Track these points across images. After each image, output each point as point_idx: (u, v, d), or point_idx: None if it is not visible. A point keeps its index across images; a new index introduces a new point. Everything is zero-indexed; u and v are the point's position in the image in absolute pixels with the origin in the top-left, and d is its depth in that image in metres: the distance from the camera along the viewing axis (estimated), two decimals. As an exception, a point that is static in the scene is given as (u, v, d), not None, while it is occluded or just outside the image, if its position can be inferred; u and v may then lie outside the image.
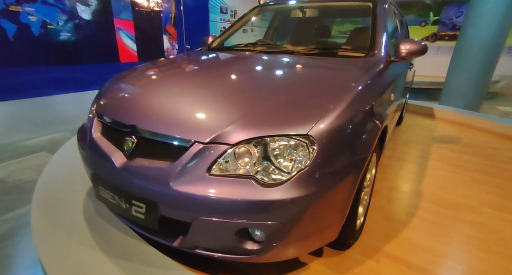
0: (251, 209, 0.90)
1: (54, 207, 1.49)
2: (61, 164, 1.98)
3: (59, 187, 1.69)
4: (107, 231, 1.30)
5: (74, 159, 2.03)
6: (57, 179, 1.78)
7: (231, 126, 0.96)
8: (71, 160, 2.04)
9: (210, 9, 5.85)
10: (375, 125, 1.18)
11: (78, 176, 1.81)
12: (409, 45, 1.58)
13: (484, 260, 1.32)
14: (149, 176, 1.00)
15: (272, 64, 1.62)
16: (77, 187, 1.68)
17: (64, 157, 2.10)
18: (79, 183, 1.74)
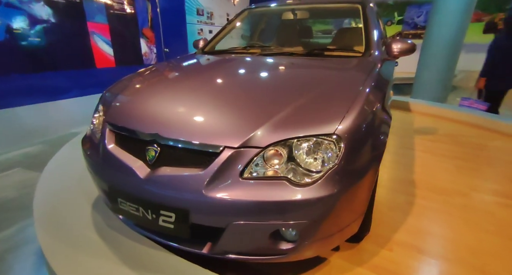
0: (287, 209, 0.92)
1: (61, 223, 1.39)
2: (55, 178, 1.85)
3: (60, 202, 1.58)
4: (124, 244, 1.25)
5: (67, 172, 1.92)
6: (55, 194, 1.66)
7: (259, 129, 0.97)
8: (64, 173, 1.92)
9: (187, 11, 5.75)
10: (387, 120, 1.25)
11: (77, 188, 1.72)
12: (400, 44, 1.68)
13: (483, 239, 1.45)
14: (179, 185, 0.98)
15: (280, 66, 1.64)
16: (80, 200, 1.59)
17: (56, 170, 1.96)
18: (80, 195, 1.64)
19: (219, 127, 1.02)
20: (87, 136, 1.40)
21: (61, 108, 4.06)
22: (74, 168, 1.98)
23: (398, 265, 1.28)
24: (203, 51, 2.18)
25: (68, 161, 2.11)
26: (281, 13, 2.32)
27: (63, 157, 2.21)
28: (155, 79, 1.57)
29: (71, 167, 2.00)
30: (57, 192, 1.68)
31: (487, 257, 1.33)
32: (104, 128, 1.22)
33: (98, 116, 1.38)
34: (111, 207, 1.19)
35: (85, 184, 1.78)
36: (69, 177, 1.86)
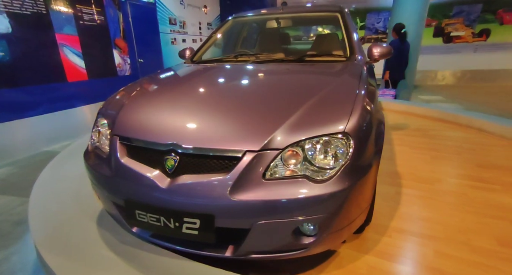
0: (309, 205, 1.00)
1: (68, 245, 1.34)
2: (47, 199, 1.75)
3: (61, 223, 1.51)
4: (141, 256, 1.24)
5: (59, 192, 1.83)
6: (52, 215, 1.58)
7: (276, 132, 1.04)
8: (56, 193, 1.82)
9: (159, 20, 5.70)
10: (382, 118, 1.39)
11: (75, 207, 1.65)
12: (379, 48, 1.85)
13: (464, 218, 1.64)
14: (203, 191, 1.01)
15: (279, 72, 1.71)
16: (82, 219, 1.53)
17: (46, 191, 1.86)
18: (80, 214, 1.58)
19: (238, 133, 1.07)
20: (90, 151, 1.38)
21: (30, 126, 3.81)
22: (65, 187, 1.89)
23: (399, 249, 1.41)
24: (192, 60, 2.21)
25: (57, 181, 2.01)
26: (265, 22, 2.43)
27: (49, 177, 2.09)
28: (160, 89, 1.58)
29: (61, 186, 1.92)
30: (54, 213, 1.60)
31: (470, 233, 1.51)
32: (113, 142, 1.22)
33: (101, 130, 1.37)
34: (127, 221, 1.18)
35: (83, 201, 1.72)
36: (62, 196, 1.78)
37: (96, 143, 1.36)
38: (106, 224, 1.48)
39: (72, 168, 2.21)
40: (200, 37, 7.37)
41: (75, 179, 2.00)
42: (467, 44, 8.87)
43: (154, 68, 5.86)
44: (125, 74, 5.01)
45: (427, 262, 1.32)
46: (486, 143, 2.89)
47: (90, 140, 1.42)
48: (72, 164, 2.29)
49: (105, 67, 4.70)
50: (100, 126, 1.38)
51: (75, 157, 2.43)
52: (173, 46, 6.33)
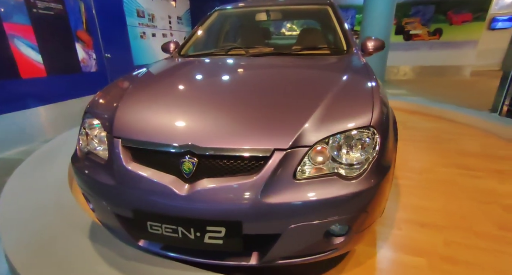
0: (343, 204, 0.93)
1: (63, 266, 1.13)
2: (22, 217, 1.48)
3: (47, 242, 1.27)
4: (150, 271, 1.09)
5: (35, 206, 1.56)
6: (33, 234, 1.33)
7: (303, 129, 0.96)
8: (31, 208, 1.55)
9: (126, 12, 5.27)
10: (392, 111, 1.37)
11: (59, 222, 1.42)
12: (373, 42, 1.84)
13: (460, 205, 1.72)
14: (229, 196, 0.90)
15: (286, 66, 1.61)
16: (71, 235, 1.32)
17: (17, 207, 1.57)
18: (67, 229, 1.36)
19: (263, 130, 0.97)
20: (80, 156, 1.18)
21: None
22: (40, 198, 1.63)
23: (410, 241, 1.42)
24: (180, 54, 2.03)
25: (29, 191, 1.73)
26: (254, 14, 2.31)
27: (19, 187, 1.79)
28: (161, 84, 1.40)
29: (35, 197, 1.65)
30: (35, 232, 1.35)
31: (470, 219, 1.57)
32: (114, 145, 1.04)
33: (90, 132, 1.18)
34: (138, 234, 1.03)
35: (66, 214, 1.49)
36: (40, 211, 1.52)
37: (86, 147, 1.17)
38: (100, 238, 1.28)
39: (44, 175, 1.92)
40: (171, 32, 6.99)
41: (51, 188, 1.74)
42: (424, 42, 9.55)
43: (124, 64, 5.42)
44: (90, 70, 4.55)
45: (440, 251, 1.34)
46: (459, 133, 3.10)
47: (78, 143, 1.22)
48: (43, 171, 2.00)
49: (67, 62, 4.22)
50: (90, 127, 1.19)
51: (45, 163, 2.13)
52: (143, 41, 5.91)
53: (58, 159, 2.17)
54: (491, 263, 1.27)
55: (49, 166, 2.05)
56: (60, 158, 2.17)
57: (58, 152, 2.31)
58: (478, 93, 6.83)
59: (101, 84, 4.87)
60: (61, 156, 2.20)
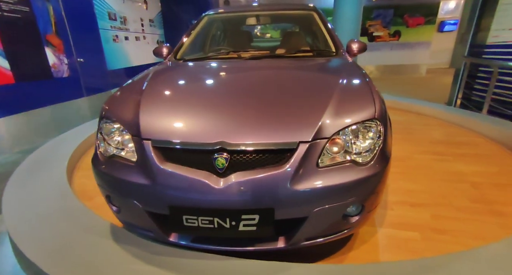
0: (360, 187, 1.08)
1: (98, 270, 1.14)
2: (29, 219, 1.44)
3: (72, 248, 1.26)
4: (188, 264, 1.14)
5: (45, 214, 1.52)
6: (46, 237, 1.31)
7: (320, 122, 1.09)
8: (41, 217, 1.50)
9: (97, 15, 5.06)
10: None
11: (75, 227, 1.40)
12: (357, 44, 2.05)
13: (439, 185, 1.98)
14: (262, 185, 1.00)
15: (288, 66, 1.73)
16: (94, 239, 1.31)
17: (21, 209, 1.51)
18: (88, 234, 1.35)
19: (287, 125, 1.08)
20: (103, 160, 1.20)
21: None
22: (46, 205, 1.59)
23: (403, 218, 1.62)
24: (176, 58, 2.06)
25: (31, 200, 1.66)
26: (244, 19, 2.42)
27: (22, 195, 1.71)
28: (178, 86, 1.47)
29: (41, 205, 1.60)
30: (52, 237, 1.33)
31: (449, 197, 1.83)
32: (145, 147, 1.09)
33: (113, 136, 1.21)
34: (173, 228, 1.10)
35: (81, 220, 1.47)
36: (49, 216, 1.49)
37: (109, 151, 1.19)
38: (125, 239, 1.31)
39: (42, 183, 1.86)
40: (143, 35, 6.82)
41: (54, 195, 1.69)
42: (386, 43, 10.34)
43: (97, 68, 5.20)
44: (62, 76, 4.31)
45: (429, 225, 1.55)
46: (427, 124, 3.47)
47: (99, 147, 1.24)
48: (39, 178, 1.92)
49: (37, 68, 3.96)
50: (109, 131, 1.21)
51: (38, 171, 2.04)
52: (116, 45, 5.70)
53: (53, 164, 2.09)
54: (470, 230, 1.50)
55: (44, 173, 1.98)
56: (53, 165, 2.10)
57: (50, 159, 2.22)
58: (434, 89, 7.58)
59: (74, 90, 4.64)
60: (55, 163, 2.12)
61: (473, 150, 2.60)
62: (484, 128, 2.94)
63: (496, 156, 2.44)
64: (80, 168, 2.34)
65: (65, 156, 2.26)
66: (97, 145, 1.26)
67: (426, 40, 10.08)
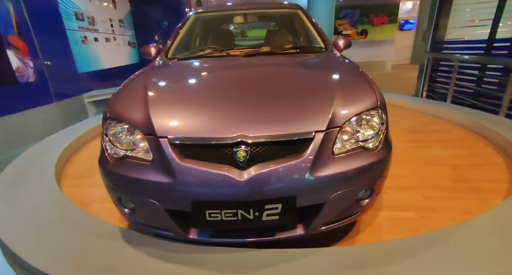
0: (371, 171, 1.16)
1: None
2: (24, 231, 1.34)
3: (89, 256, 1.20)
4: (210, 258, 1.15)
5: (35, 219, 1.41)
6: (49, 246, 1.23)
7: (331, 112, 1.16)
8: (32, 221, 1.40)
9: (63, 15, 4.74)
10: None
11: (71, 231, 1.32)
12: (343, 40, 2.16)
13: (423, 170, 2.15)
14: (284, 175, 1.04)
15: (287, 62, 1.79)
16: (108, 244, 1.26)
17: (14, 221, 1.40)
18: (101, 239, 1.29)
19: (301, 116, 1.13)
20: (114, 162, 1.16)
21: None
22: (47, 219, 1.49)
23: (398, 201, 1.75)
24: (167, 57, 2.02)
25: (30, 214, 1.54)
26: (231, 17, 2.43)
27: (16, 212, 1.57)
28: (183, 84, 1.47)
29: (41, 219, 1.49)
30: (65, 248, 1.25)
31: (433, 179, 2.00)
32: (160, 146, 1.08)
33: (121, 138, 1.18)
34: (196, 224, 1.11)
35: (87, 227, 1.41)
36: (55, 229, 1.40)
37: (121, 152, 1.16)
38: (141, 240, 1.28)
39: (33, 194, 1.73)
40: (114, 36, 6.50)
41: (50, 205, 1.59)
42: (354, 41, 10.84)
43: (66, 72, 4.88)
44: (28, 81, 3.98)
45: (422, 205, 1.69)
46: (403, 115, 3.73)
47: (106, 150, 1.20)
48: (28, 190, 1.78)
49: (-1, 72, 3.63)
50: (116, 132, 1.18)
51: (24, 183, 1.89)
52: (85, 46, 5.38)
53: (38, 175, 1.96)
54: (456, 206, 1.67)
55: (33, 183, 1.84)
56: (39, 175, 1.96)
57: (33, 170, 2.07)
58: (401, 83, 8.12)
59: (43, 95, 4.31)
60: (40, 173, 1.98)
61: (445, 136, 2.85)
62: (452, 116, 3.23)
63: (466, 140, 2.70)
64: (67, 177, 2.21)
65: (50, 164, 2.12)
66: (104, 147, 1.22)
67: (390, 38, 10.76)
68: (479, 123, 2.78)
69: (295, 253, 1.20)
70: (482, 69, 4.54)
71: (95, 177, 2.17)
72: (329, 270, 1.11)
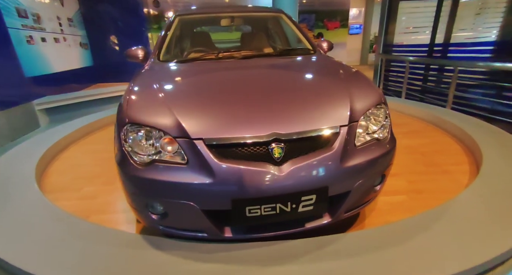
0: (384, 159, 1.31)
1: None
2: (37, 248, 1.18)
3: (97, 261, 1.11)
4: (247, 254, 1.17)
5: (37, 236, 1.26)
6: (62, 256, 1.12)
7: (349, 108, 1.27)
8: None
9: (3, 11, 4.16)
10: None
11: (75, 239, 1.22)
12: (326, 43, 2.34)
13: (402, 158, 2.42)
14: (317, 168, 1.12)
15: (285, 64, 1.87)
16: (134, 253, 1.17)
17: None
18: (124, 248, 1.20)
19: (326, 112, 1.23)
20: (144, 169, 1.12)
21: None
22: (49, 235, 1.33)
23: (390, 187, 1.94)
24: (160, 60, 1.96)
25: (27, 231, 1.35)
26: (217, 20, 2.42)
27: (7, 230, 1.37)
28: (199, 85, 1.48)
29: (43, 235, 1.32)
30: (84, 263, 1.14)
31: (410, 166, 2.27)
32: (196, 147, 1.08)
33: (148, 142, 1.14)
34: (236, 221, 1.13)
35: (103, 238, 1.30)
36: (65, 244, 1.25)
37: (146, 157, 1.12)
38: (164, 246, 1.24)
39: (22, 210, 1.53)
40: (63, 36, 5.90)
41: (48, 220, 1.43)
42: (310, 44, 11.57)
43: (10, 75, 4.28)
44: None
45: (409, 188, 1.93)
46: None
47: (132, 156, 1.14)
48: (14, 206, 1.57)
49: None
50: (139, 137, 1.15)
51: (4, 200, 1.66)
52: (31, 47, 4.78)
53: (20, 189, 1.74)
54: (436, 187, 1.93)
55: (17, 199, 1.62)
56: (21, 190, 1.73)
57: (9, 184, 1.83)
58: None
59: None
60: (21, 187, 1.76)
61: (409, 128, 3.23)
62: (411, 111, 3.66)
63: (426, 131, 3.11)
64: (49, 191, 1.96)
65: (28, 178, 1.89)
66: (127, 153, 1.16)
67: (343, 41, 11.65)
68: (435, 115, 3.22)
69: (324, 240, 1.29)
70: (426, 69, 5.22)
71: (83, 189, 1.99)
72: (361, 251, 1.22)
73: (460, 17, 5.59)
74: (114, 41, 7.50)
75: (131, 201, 1.20)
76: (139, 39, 7.71)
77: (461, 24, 5.71)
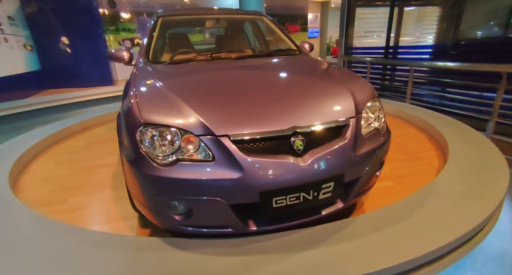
0: (384, 147, 1.44)
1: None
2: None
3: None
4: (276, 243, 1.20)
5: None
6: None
7: (353, 101, 1.38)
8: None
9: None
10: None
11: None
12: (307, 44, 2.47)
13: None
14: (335, 156, 1.20)
15: (284, 63, 1.94)
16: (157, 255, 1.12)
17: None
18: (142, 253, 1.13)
19: (335, 106, 1.32)
20: (167, 169, 1.09)
21: None
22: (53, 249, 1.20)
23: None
24: (150, 61, 1.88)
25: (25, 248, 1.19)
26: (201, 22, 2.40)
27: None
28: (208, 83, 1.50)
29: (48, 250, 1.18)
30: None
31: (391, 154, 2.41)
32: (222, 144, 1.10)
33: (161, 142, 1.13)
34: (264, 213, 1.16)
35: (120, 246, 1.22)
36: (74, 258, 1.14)
37: (169, 156, 1.10)
38: (187, 246, 1.21)
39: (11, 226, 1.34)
40: (4, 36, 5.23)
41: (47, 235, 1.28)
42: (273, 47, 11.92)
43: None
44: None
45: (392, 175, 2.13)
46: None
47: (154, 157, 1.10)
48: None
49: None
50: (156, 138, 1.12)
51: None
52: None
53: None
54: (416, 172, 2.17)
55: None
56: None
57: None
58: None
59: None
60: None
61: (379, 122, 3.54)
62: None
63: (395, 124, 3.43)
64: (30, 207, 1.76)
65: (5, 193, 1.67)
66: (145, 154, 1.11)
67: (303, 44, 12.19)
68: (400, 110, 3.57)
69: (338, 224, 1.38)
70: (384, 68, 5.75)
71: (68, 201, 1.82)
72: (371, 231, 1.33)
73: (404, 23, 6.27)
74: (65, 42, 6.86)
75: (151, 204, 1.15)
76: (95, 40, 7.14)
77: (405, 30, 6.41)
